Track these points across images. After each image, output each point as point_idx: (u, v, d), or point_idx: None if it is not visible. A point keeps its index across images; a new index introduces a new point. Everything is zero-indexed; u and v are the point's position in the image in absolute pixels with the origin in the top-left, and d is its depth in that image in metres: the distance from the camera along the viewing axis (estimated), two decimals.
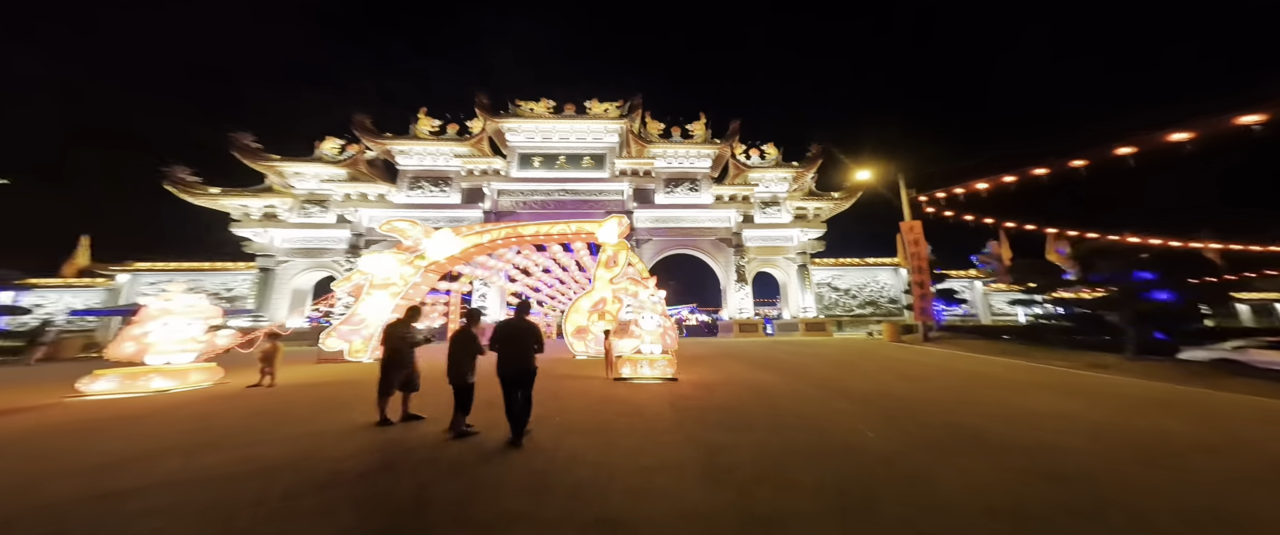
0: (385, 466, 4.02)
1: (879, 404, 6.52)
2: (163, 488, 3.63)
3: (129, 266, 25.75)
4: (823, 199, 30.75)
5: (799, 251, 30.96)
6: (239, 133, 26.96)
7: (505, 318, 4.99)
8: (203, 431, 5.50)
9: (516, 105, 28.97)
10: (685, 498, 3.28)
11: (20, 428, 5.97)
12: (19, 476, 4.03)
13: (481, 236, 15.25)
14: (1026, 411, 6.03)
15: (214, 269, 27.01)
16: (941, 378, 9.16)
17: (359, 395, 7.43)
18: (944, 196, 20.63)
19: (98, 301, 24.54)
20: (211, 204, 27.40)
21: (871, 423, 5.43)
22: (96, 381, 8.16)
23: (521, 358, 4.58)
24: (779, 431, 5.08)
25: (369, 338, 13.16)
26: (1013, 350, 13.59)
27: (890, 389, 7.82)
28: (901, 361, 12.18)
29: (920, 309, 19.27)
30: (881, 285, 33.16)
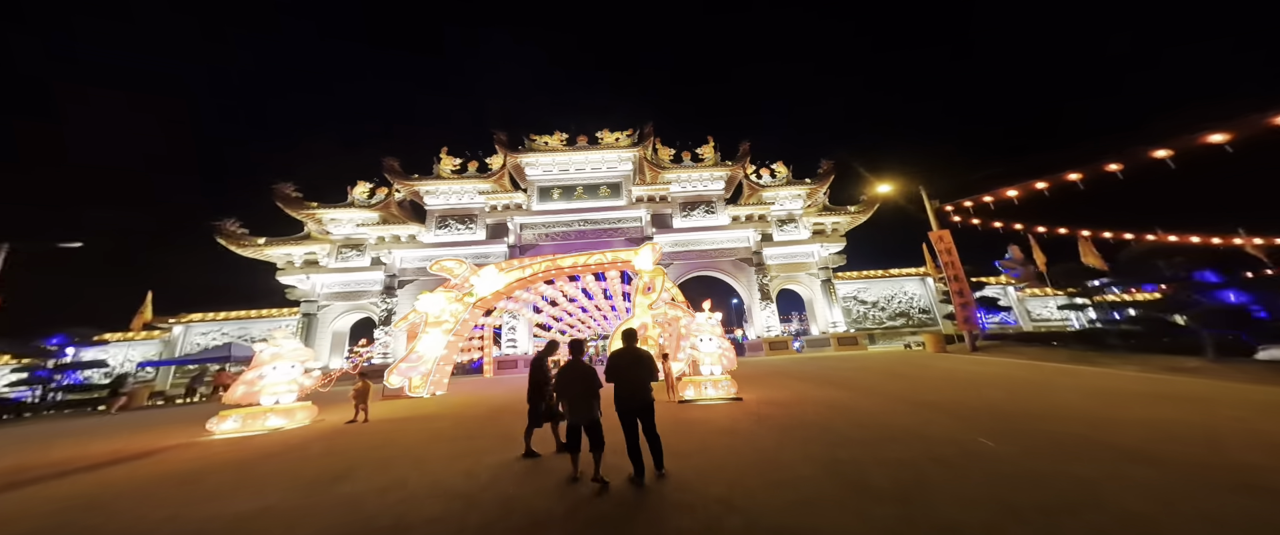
0: (573, 510, 3.64)
1: (970, 415, 6.23)
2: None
3: (182, 319, 26.93)
4: (839, 213, 29.96)
5: (821, 266, 30.06)
6: (281, 184, 28.31)
7: (621, 347, 4.57)
8: (355, 461, 5.73)
9: (531, 140, 29.57)
10: (855, 512, 3.24)
11: (189, 458, 6.63)
12: (253, 489, 4.70)
13: (524, 271, 15.49)
14: (1136, 420, 5.64)
15: (260, 317, 27.96)
16: (1015, 387, 8.71)
17: (458, 428, 7.67)
18: (972, 205, 19.75)
19: (155, 353, 25.64)
20: (257, 254, 28.58)
21: (975, 434, 5.17)
22: (224, 422, 8.76)
23: (641, 389, 4.22)
24: (888, 444, 4.91)
25: (427, 374, 13.44)
26: (1073, 356, 12.77)
27: (969, 400, 7.47)
28: (961, 373, 11.46)
29: (963, 318, 18.44)
30: (910, 296, 31.80)
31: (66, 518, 4.18)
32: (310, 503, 4.12)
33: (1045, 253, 27.24)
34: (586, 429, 4.21)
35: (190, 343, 26.56)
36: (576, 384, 4.30)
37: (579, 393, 4.27)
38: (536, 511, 3.57)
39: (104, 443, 8.81)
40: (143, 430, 10.44)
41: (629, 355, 4.42)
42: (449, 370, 14.97)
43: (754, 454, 4.85)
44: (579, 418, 4.25)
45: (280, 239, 28.63)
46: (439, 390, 13.80)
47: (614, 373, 4.32)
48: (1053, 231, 24.79)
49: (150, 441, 8.49)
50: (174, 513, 4.13)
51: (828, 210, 30.17)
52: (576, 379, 4.33)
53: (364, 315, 28.62)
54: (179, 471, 5.82)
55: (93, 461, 6.85)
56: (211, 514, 4.00)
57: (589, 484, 4.06)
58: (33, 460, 7.32)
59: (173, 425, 10.76)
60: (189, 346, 26.34)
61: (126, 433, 10.19)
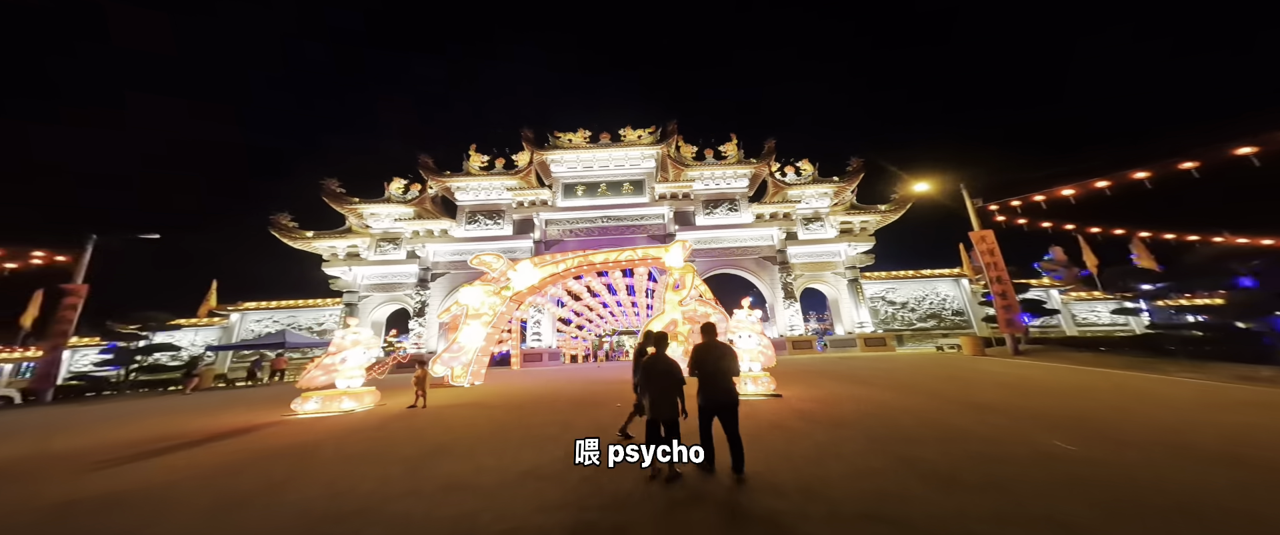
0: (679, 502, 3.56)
1: (1031, 418, 6.01)
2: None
3: (239, 307, 28.89)
4: (868, 212, 28.64)
5: (848, 266, 28.97)
6: (327, 180, 29.72)
7: (702, 340, 4.36)
8: (438, 443, 5.95)
9: (556, 137, 29.66)
10: (946, 503, 3.23)
11: (289, 434, 7.12)
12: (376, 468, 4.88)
13: (557, 266, 15.76)
14: (1213, 423, 5.42)
15: (307, 306, 29.63)
16: (1072, 392, 8.25)
17: (514, 415, 7.80)
18: (1020, 204, 18.47)
19: (216, 338, 27.67)
20: (306, 246, 30.21)
21: (1041, 435, 5.01)
22: (306, 403, 9.28)
23: (725, 384, 4.06)
24: (955, 442, 4.84)
25: (468, 363, 13.79)
26: (1130, 363, 11.93)
27: (1024, 403, 7.14)
28: (1008, 376, 10.83)
29: (1006, 321, 17.46)
30: (942, 297, 30.23)
31: (252, 477, 4.64)
32: (418, 481, 4.24)
33: (1097, 255, 25.20)
34: (666, 427, 4.02)
35: (246, 329, 28.51)
36: (662, 379, 4.08)
37: (664, 388, 4.05)
38: (625, 493, 3.59)
39: (202, 419, 9.36)
40: (225, 410, 10.94)
41: (715, 350, 4.23)
42: (486, 361, 15.35)
43: (814, 448, 4.81)
44: (661, 415, 4.03)
45: (326, 232, 30.13)
46: (478, 380, 14.12)
47: (699, 367, 4.14)
48: (1108, 232, 22.94)
49: (242, 420, 8.96)
50: (333, 479, 4.49)
51: (856, 209, 28.91)
52: (662, 373, 4.11)
53: (400, 306, 29.86)
54: (290, 444, 6.20)
55: (208, 434, 7.39)
56: (352, 484, 4.25)
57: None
58: (159, 432, 7.88)
59: (251, 406, 11.39)
60: (244, 333, 28.28)
61: (211, 411, 10.75)
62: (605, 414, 7.19)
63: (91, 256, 21.76)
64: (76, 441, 7.35)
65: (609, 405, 8.13)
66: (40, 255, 23.22)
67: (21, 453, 6.63)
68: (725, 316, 14.30)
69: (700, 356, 4.19)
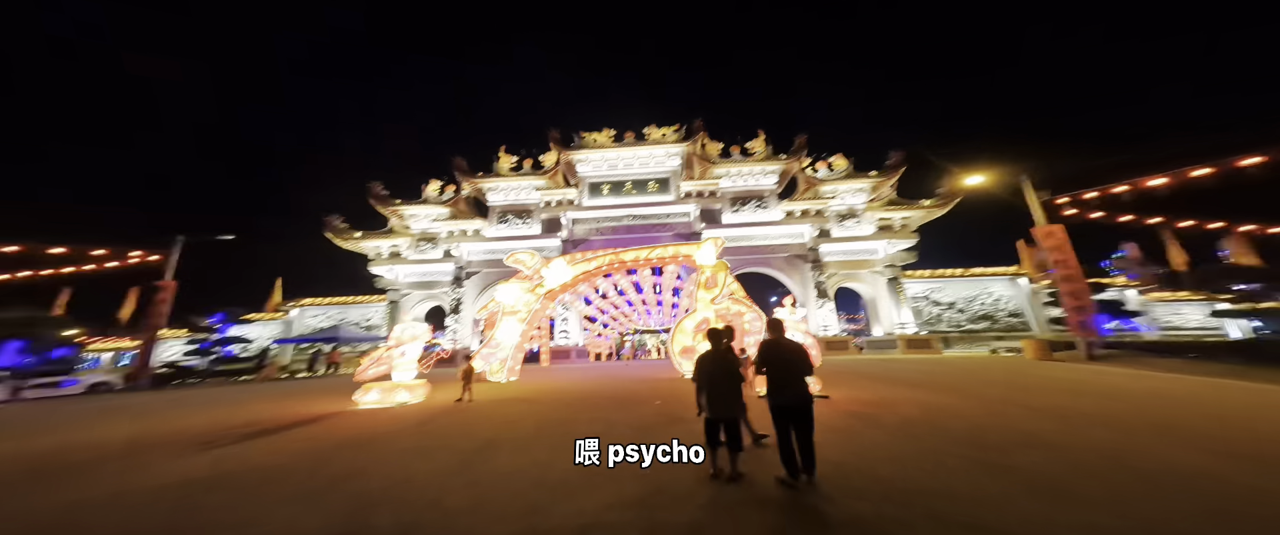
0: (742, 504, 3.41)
1: (1133, 429, 5.22)
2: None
3: (298, 303, 31.26)
4: (910, 207, 26.41)
5: (887, 264, 27.01)
6: (372, 183, 31.34)
7: (767, 337, 4.12)
8: (490, 436, 6.13)
9: (581, 137, 29.49)
10: (1067, 516, 2.87)
11: (358, 422, 7.47)
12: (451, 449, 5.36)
13: (589, 264, 15.76)
14: None
15: (355, 302, 31.57)
16: (1172, 402, 7.21)
17: (557, 411, 7.83)
18: (1096, 195, 16.39)
19: (279, 332, 30.14)
20: (354, 247, 32.12)
21: (1149, 446, 4.45)
22: (367, 394, 9.49)
23: (799, 384, 3.80)
24: (1047, 450, 4.31)
25: (505, 359, 13.94)
26: (1233, 371, 10.22)
27: (1116, 411, 6.27)
28: (1087, 383, 9.56)
29: (1078, 323, 15.74)
30: (996, 297, 27.59)
31: (338, 463, 4.91)
32: (479, 472, 4.34)
33: (1186, 251, 21.96)
34: (726, 427, 3.83)
35: (303, 324, 30.83)
36: (723, 377, 3.91)
37: (724, 387, 3.89)
38: (688, 493, 3.48)
39: (278, 407, 9.90)
40: (294, 399, 11.51)
41: (784, 347, 3.95)
42: (521, 357, 15.50)
43: (881, 450, 4.51)
44: (720, 414, 3.85)
45: (371, 233, 31.85)
46: (513, 376, 14.17)
47: (769, 366, 3.86)
48: (1202, 226, 19.86)
49: (312, 409, 9.37)
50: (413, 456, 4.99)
51: (896, 204, 26.76)
52: (724, 372, 3.93)
53: (436, 303, 31.13)
54: (361, 434, 6.50)
55: (288, 421, 7.88)
56: (425, 472, 4.45)
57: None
58: (246, 418, 8.50)
59: (316, 396, 11.95)
60: (302, 327, 30.60)
61: (283, 400, 11.35)
62: (646, 412, 7.20)
63: (179, 256, 24.17)
64: (178, 424, 8.07)
65: (647, 403, 8.16)
66: (137, 255, 26.06)
67: (136, 433, 7.30)
68: (759, 315, 13.89)
69: (769, 355, 3.89)
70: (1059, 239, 16.77)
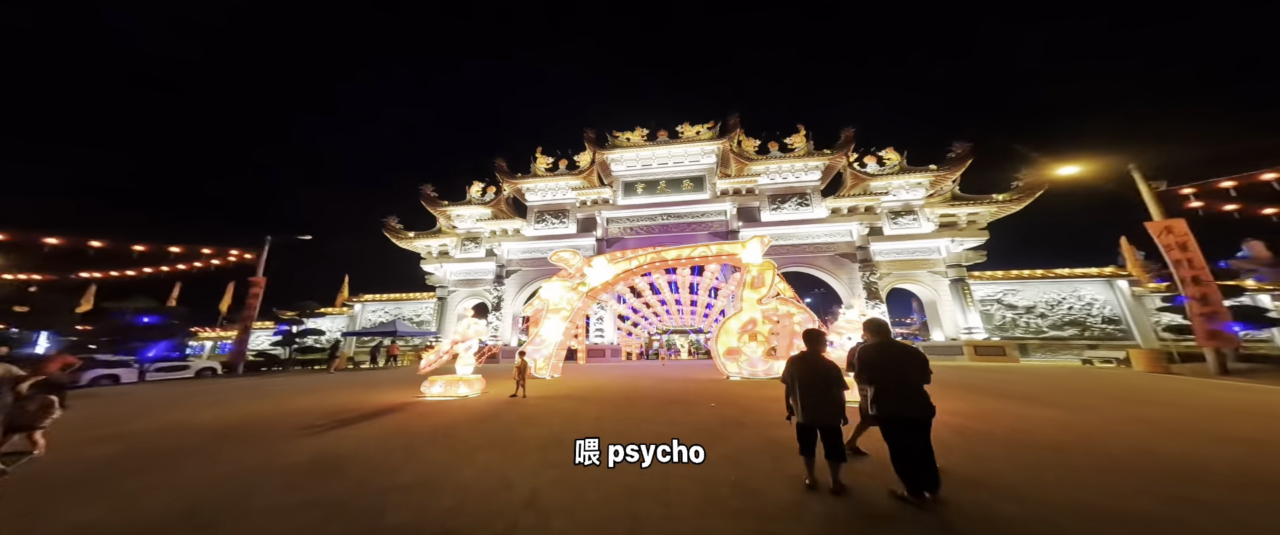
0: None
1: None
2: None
3: (361, 298, 33.60)
4: (978, 203, 22.97)
5: (951, 264, 23.93)
6: (424, 185, 32.70)
7: (867, 340, 3.81)
8: (555, 431, 6.16)
9: (614, 137, 28.57)
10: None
11: (428, 413, 7.72)
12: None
13: (630, 262, 15.55)
14: None
15: (408, 299, 33.39)
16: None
17: (610, 410, 7.75)
18: (1233, 185, 13.37)
19: (344, 326, 32.66)
20: (408, 246, 33.84)
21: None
22: (433, 387, 9.89)
23: (917, 392, 3.40)
24: (1227, 483, 3.66)
25: (549, 356, 14.02)
26: None
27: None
28: (1235, 401, 8.12)
29: (1207, 332, 13.43)
30: (1088, 302, 23.67)
31: (432, 452, 5.09)
32: (561, 471, 4.27)
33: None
34: (823, 435, 3.54)
35: (365, 318, 33.14)
36: (820, 381, 3.63)
37: (821, 391, 3.59)
38: (789, 504, 3.24)
39: (354, 395, 10.41)
40: (366, 389, 11.91)
41: (893, 351, 3.57)
42: (563, 354, 15.42)
43: (998, 465, 4.11)
44: (816, 419, 3.55)
45: (423, 232, 33.33)
46: (556, 373, 14.18)
47: (873, 372, 3.51)
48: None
49: (385, 399, 9.71)
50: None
51: (959, 200, 23.40)
52: (820, 375, 3.64)
53: (480, 301, 32.14)
54: (435, 425, 6.65)
55: (369, 410, 8.20)
56: (511, 466, 4.50)
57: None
58: (334, 405, 9.02)
59: (384, 386, 12.41)
60: (364, 322, 32.92)
61: (356, 389, 11.83)
62: (706, 415, 6.96)
63: (268, 254, 26.67)
64: (276, 409, 8.65)
65: (700, 405, 8.01)
66: (235, 253, 29.17)
67: (246, 416, 7.82)
68: (811, 317, 13.15)
69: (874, 360, 3.52)
70: (1181, 234, 14.06)
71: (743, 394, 9.28)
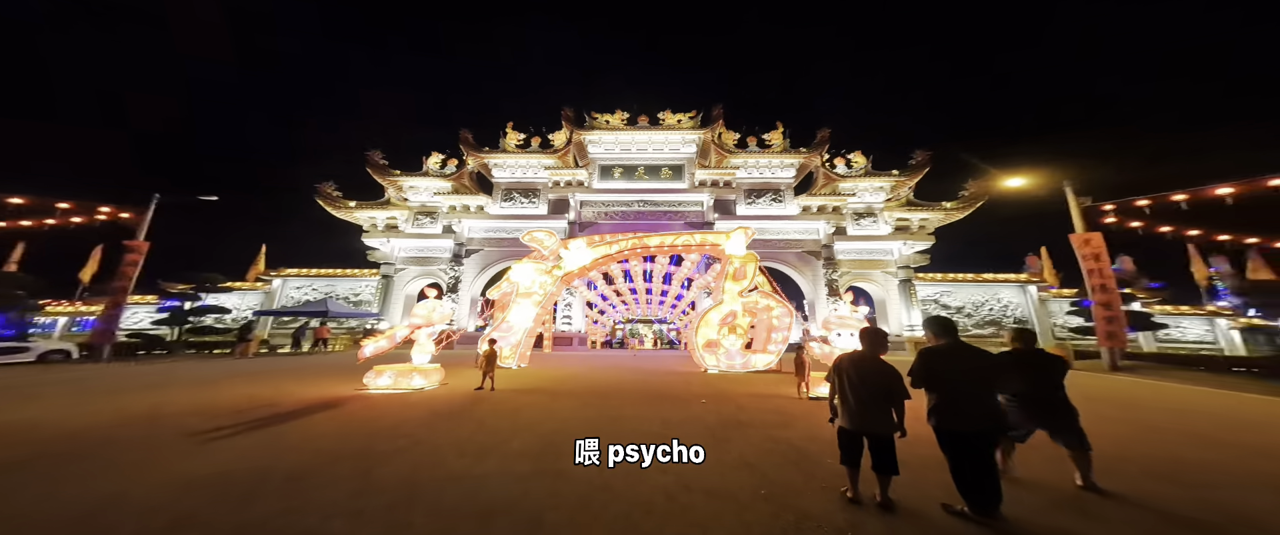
0: None
1: (1241, 450, 4.69)
2: None
3: (281, 273, 28.32)
4: (929, 209, 25.15)
5: (901, 265, 25.79)
6: (371, 151, 28.58)
7: (931, 343, 3.28)
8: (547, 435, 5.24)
9: (593, 117, 27.32)
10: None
11: (377, 413, 6.33)
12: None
13: (610, 247, 14.67)
14: None
15: (345, 275, 28.82)
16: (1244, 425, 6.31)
17: (595, 408, 6.84)
18: (1148, 204, 15.30)
19: (257, 303, 27.20)
20: (348, 216, 29.31)
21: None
22: (379, 377, 8.40)
23: (989, 404, 3.01)
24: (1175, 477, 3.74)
25: (517, 344, 12.81)
26: (1261, 387, 9.96)
27: (1207, 433, 5.63)
28: (1140, 396, 8.73)
29: (1107, 333, 15.12)
30: (1005, 304, 26.66)
31: (389, 467, 3.93)
32: (568, 484, 3.55)
33: (1207, 264, 21.36)
34: (872, 444, 3.08)
35: (286, 296, 27.94)
36: (870, 385, 3.13)
37: (875, 395, 3.10)
38: (832, 517, 2.85)
39: (272, 387, 8.61)
40: (289, 379, 10.06)
41: (963, 355, 3.07)
42: (532, 343, 14.32)
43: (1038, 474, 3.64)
44: (867, 427, 3.09)
45: (367, 203, 29.10)
46: (523, 363, 13.10)
47: (939, 377, 3.03)
48: (1239, 240, 18.95)
49: (314, 391, 8.16)
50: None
51: (914, 205, 25.46)
52: (876, 377, 3.14)
53: (433, 281, 28.67)
54: (388, 426, 5.49)
55: (295, 406, 6.71)
56: (496, 482, 3.64)
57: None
58: (243, 400, 7.25)
59: (314, 376, 10.57)
60: (285, 299, 27.73)
61: (276, 380, 9.88)
62: (698, 411, 6.48)
63: (153, 215, 21.21)
64: (159, 405, 6.74)
65: (689, 400, 7.45)
66: (106, 210, 22.81)
67: (113, 416, 5.85)
68: (789, 310, 13.03)
69: (940, 364, 3.05)
70: (1097, 247, 15.90)
71: (728, 389, 8.88)
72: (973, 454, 2.88)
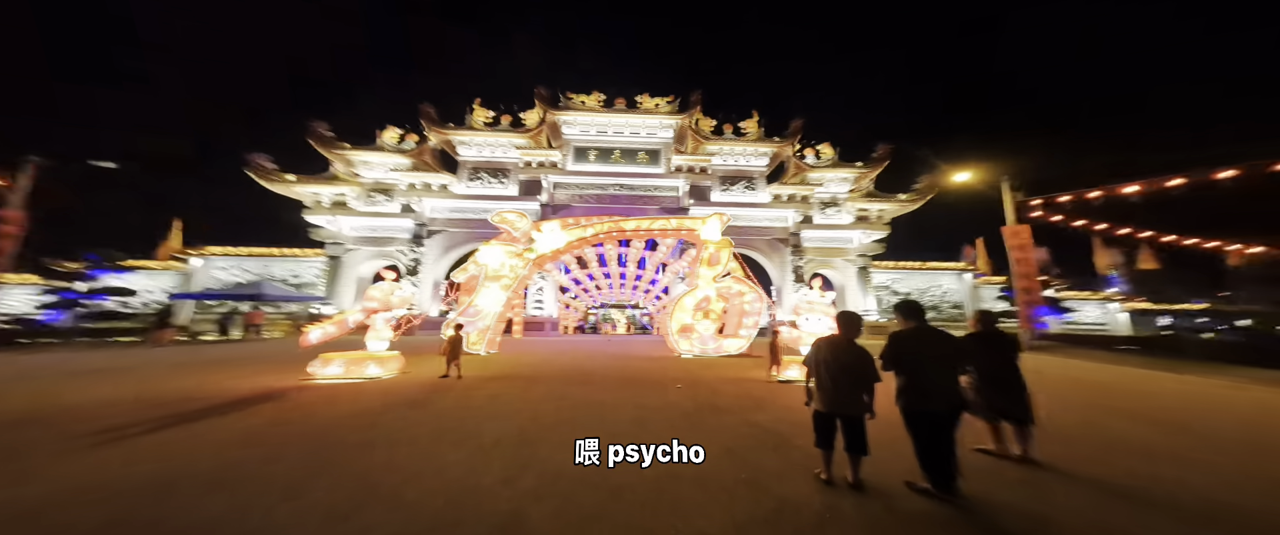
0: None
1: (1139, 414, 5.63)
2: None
3: (202, 251, 24.63)
4: (886, 200, 26.97)
5: (859, 253, 27.43)
6: (316, 120, 25.64)
7: (900, 327, 3.31)
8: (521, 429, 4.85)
9: (568, 98, 26.43)
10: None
11: (322, 404, 5.73)
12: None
13: (585, 230, 14.10)
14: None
15: (283, 255, 25.68)
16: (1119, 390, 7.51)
17: (570, 395, 6.53)
18: (1069, 199, 17.14)
19: (174, 285, 23.45)
20: (287, 191, 26.11)
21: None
22: (327, 366, 7.69)
23: (950, 385, 3.10)
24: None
25: (485, 329, 12.28)
26: (1150, 363, 11.51)
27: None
28: (1051, 370, 9.91)
29: (1026, 317, 16.94)
30: (944, 290, 29.23)
31: (339, 470, 3.43)
32: (540, 479, 3.36)
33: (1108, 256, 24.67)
34: (844, 425, 3.13)
35: (209, 277, 24.37)
36: (849, 366, 3.17)
37: (849, 378, 3.14)
38: (807, 502, 2.85)
39: (194, 380, 7.58)
40: (216, 370, 8.88)
41: (929, 338, 3.15)
42: (501, 328, 13.87)
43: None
44: (840, 410, 3.14)
45: (310, 177, 26.08)
46: (492, 349, 12.65)
47: (904, 360, 3.11)
48: (1163, 238, 21.80)
49: (246, 383, 7.24)
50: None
51: (872, 196, 27.18)
52: (851, 360, 3.17)
53: (390, 263, 26.34)
54: (334, 418, 5.00)
55: (223, 399, 5.93)
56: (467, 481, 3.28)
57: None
58: (158, 393, 6.24)
59: (245, 366, 9.41)
60: (207, 281, 24.16)
61: (199, 371, 8.72)
62: (674, 397, 6.39)
63: (33, 183, 17.48)
64: (43, 400, 5.77)
65: (665, 386, 7.29)
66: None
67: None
68: (760, 296, 13.19)
69: (906, 347, 3.14)
70: (1024, 238, 17.66)
71: (703, 374, 8.93)
72: (938, 434, 2.97)
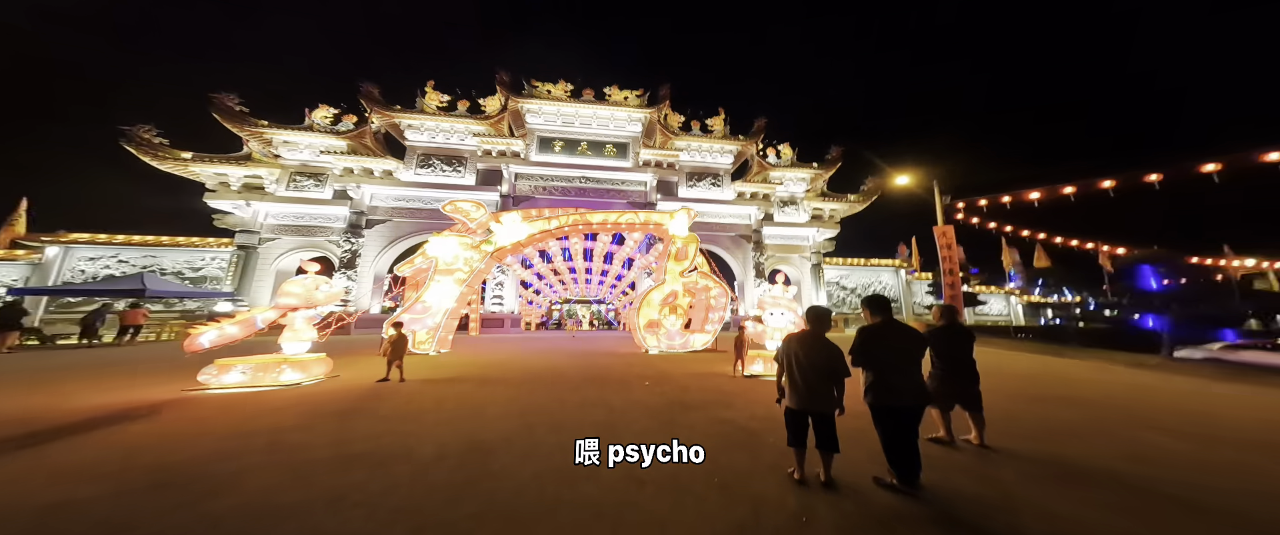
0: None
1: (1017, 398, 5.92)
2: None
3: (62, 238, 19.36)
4: (838, 200, 28.71)
5: (814, 251, 28.77)
6: (221, 93, 21.55)
7: (868, 322, 3.26)
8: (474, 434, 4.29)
9: (534, 86, 25.06)
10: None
11: (214, 418, 4.71)
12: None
13: (549, 223, 13.24)
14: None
15: (175, 245, 21.02)
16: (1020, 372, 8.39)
17: (531, 398, 5.92)
18: (987, 203, 19.13)
19: (21, 278, 18.06)
20: (180, 170, 21.56)
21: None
22: (225, 374, 6.50)
23: (916, 379, 3.05)
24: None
25: (436, 327, 11.31)
26: (1039, 349, 12.94)
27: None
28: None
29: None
30: (884, 285, 31.55)
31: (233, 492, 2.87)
32: (487, 491, 2.97)
33: (1052, 258, 28.42)
34: (815, 422, 3.02)
35: (72, 268, 19.15)
36: (815, 364, 3.05)
37: (819, 374, 3.04)
38: (782, 501, 2.76)
39: (52, 394, 6.01)
40: (79, 380, 7.22)
41: (895, 332, 3.15)
42: (454, 326, 12.84)
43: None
44: (811, 406, 3.03)
45: (213, 156, 21.80)
46: (444, 348, 11.75)
47: (871, 355, 3.10)
48: (1054, 240, 25.08)
49: (119, 396, 5.77)
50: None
51: (826, 196, 28.79)
52: (821, 356, 3.06)
53: (319, 255, 22.68)
54: (236, 434, 4.15)
55: (102, 413, 4.86)
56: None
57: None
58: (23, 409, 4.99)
59: (116, 376, 7.64)
60: (69, 273, 18.96)
61: (57, 382, 6.99)
62: (643, 395, 6.05)
63: None
64: None
65: (633, 384, 6.97)
66: None
67: None
68: (726, 291, 13.22)
69: (874, 342, 3.13)
70: (950, 238, 19.36)
71: (671, 370, 8.74)
72: (903, 428, 2.95)
